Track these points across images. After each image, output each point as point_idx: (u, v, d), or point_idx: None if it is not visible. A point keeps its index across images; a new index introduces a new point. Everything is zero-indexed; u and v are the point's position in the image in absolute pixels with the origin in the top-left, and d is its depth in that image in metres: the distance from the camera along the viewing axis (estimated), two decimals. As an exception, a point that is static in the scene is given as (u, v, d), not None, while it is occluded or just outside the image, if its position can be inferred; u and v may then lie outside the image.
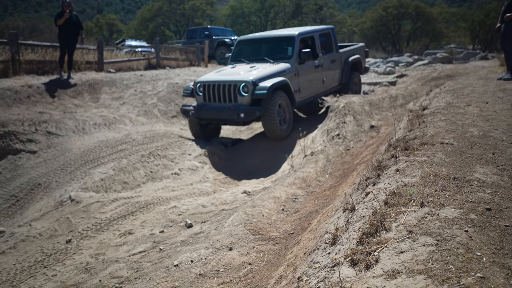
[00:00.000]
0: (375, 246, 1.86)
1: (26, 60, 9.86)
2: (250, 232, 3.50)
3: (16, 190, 5.41)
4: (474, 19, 35.87)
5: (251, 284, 2.70)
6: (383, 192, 2.48)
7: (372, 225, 2.05)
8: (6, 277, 3.29)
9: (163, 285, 2.73)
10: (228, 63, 8.68)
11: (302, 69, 7.93)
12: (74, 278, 3.13)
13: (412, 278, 1.53)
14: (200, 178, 6.04)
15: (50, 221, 4.45)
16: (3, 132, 6.29)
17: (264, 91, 6.78)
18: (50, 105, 8.29)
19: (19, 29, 13.94)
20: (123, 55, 15.31)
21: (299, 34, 8.05)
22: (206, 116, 7.31)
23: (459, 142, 3.18)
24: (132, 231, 4.09)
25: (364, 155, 5.12)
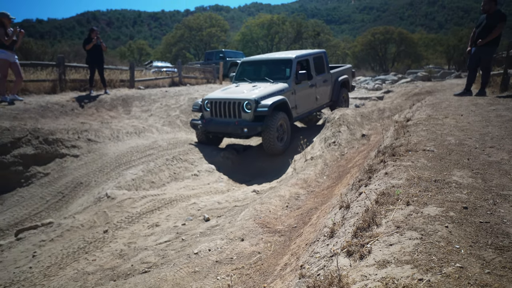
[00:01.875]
0: (367, 239, 1.84)
1: (71, 79, 9.97)
2: (259, 226, 3.49)
3: (62, 187, 5.45)
4: (449, 44, 35.70)
5: (260, 270, 2.68)
6: (374, 192, 2.46)
7: (365, 221, 2.04)
8: (55, 260, 3.30)
9: (185, 270, 2.72)
10: (232, 82, 8.55)
11: (298, 88, 7.79)
12: (110, 263, 3.13)
13: (400, 267, 1.51)
14: (215, 179, 6.03)
15: (90, 214, 4.47)
16: (52, 139, 6.35)
17: (265, 108, 6.67)
18: (90, 116, 8.36)
19: (65, 53, 14.13)
20: (151, 74, 15.43)
21: (296, 57, 7.91)
22: (213, 129, 7.19)
23: (438, 149, 3.15)
24: (159, 224, 4.09)
25: (356, 159, 5.09)
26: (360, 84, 20.33)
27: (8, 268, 3.29)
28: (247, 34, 45.47)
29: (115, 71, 12.23)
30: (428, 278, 1.38)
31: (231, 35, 52.24)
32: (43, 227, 4.30)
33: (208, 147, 7.43)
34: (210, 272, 2.70)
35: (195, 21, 47.79)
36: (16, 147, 5.84)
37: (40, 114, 7.41)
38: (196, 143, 7.56)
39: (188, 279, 2.60)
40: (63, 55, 10.24)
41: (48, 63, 10.73)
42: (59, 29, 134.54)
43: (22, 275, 3.06)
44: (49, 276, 3.02)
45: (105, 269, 3.02)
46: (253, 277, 2.59)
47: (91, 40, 9.22)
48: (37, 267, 3.18)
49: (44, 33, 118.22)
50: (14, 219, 4.72)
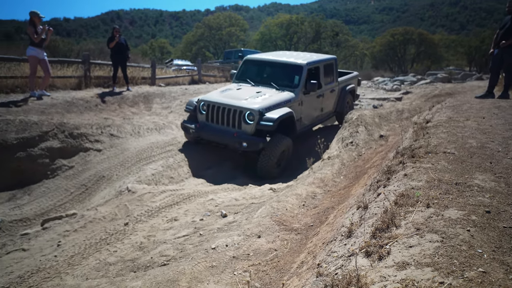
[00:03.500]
0: (386, 240, 1.81)
1: (95, 76, 10.18)
2: (276, 223, 3.48)
3: (86, 180, 5.58)
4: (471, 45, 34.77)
5: (277, 267, 2.68)
6: (393, 194, 2.42)
7: (384, 221, 2.00)
8: (78, 250, 3.39)
9: (203, 264, 2.74)
10: (232, 81, 7.59)
11: (305, 99, 6.94)
12: (131, 254, 3.19)
13: (420, 269, 1.48)
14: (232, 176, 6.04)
15: (111, 207, 4.56)
16: (77, 134, 6.50)
17: (270, 123, 5.80)
18: (113, 112, 8.51)
19: (90, 51, 14.44)
20: (171, 72, 15.62)
21: (307, 63, 7.00)
22: (206, 137, 6.28)
23: (459, 152, 3.07)
24: (177, 218, 4.13)
25: (374, 160, 5.01)
26: (379, 85, 20.02)
27: (34, 255, 3.39)
28: (266, 34, 45.41)
29: (137, 69, 12.42)
30: (450, 281, 1.35)
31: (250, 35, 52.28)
32: (67, 217, 4.41)
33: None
34: (227, 267, 2.71)
35: (215, 20, 48.05)
36: (43, 141, 6.00)
37: (66, 109, 7.60)
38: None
39: (205, 273, 2.62)
40: (88, 53, 10.48)
41: (74, 60, 10.99)
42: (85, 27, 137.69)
43: (48, 263, 3.15)
44: (73, 265, 3.09)
45: (125, 261, 3.07)
46: (269, 274, 2.59)
47: (114, 39, 9.39)
48: (62, 256, 3.27)
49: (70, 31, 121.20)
50: (40, 209, 4.86)
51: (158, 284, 2.47)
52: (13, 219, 4.54)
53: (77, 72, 10.01)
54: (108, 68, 10.85)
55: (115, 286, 2.52)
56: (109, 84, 10.10)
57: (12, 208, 4.84)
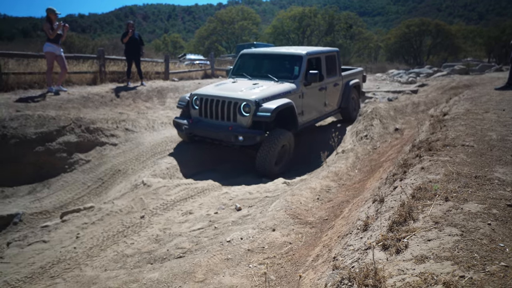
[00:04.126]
0: (404, 233, 1.79)
1: (110, 71, 10.31)
2: (290, 217, 3.48)
3: (102, 174, 5.68)
4: (490, 36, 33.79)
5: (292, 260, 2.68)
6: (410, 187, 2.39)
7: (401, 215, 1.98)
8: (96, 242, 3.46)
9: (219, 257, 2.77)
10: (228, 77, 7.22)
11: (307, 91, 6.52)
12: (147, 247, 3.24)
13: (440, 263, 1.46)
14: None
15: (127, 200, 4.63)
16: (93, 128, 6.61)
17: (267, 113, 5.40)
18: (127, 107, 8.62)
19: (104, 46, 14.61)
20: (184, 67, 15.69)
21: (307, 53, 6.64)
22: (200, 133, 5.90)
23: (479, 145, 3.00)
24: (192, 211, 4.17)
25: (389, 154, 4.95)
26: (393, 78, 19.70)
27: (55, 247, 3.48)
28: (279, 27, 45.10)
29: (150, 64, 12.52)
30: (470, 275, 1.33)
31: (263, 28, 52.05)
32: (85, 210, 4.51)
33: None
34: (242, 260, 2.73)
35: (228, 14, 47.95)
36: (60, 135, 6.12)
37: (82, 104, 7.73)
38: None
39: (221, 266, 2.65)
40: (103, 48, 10.59)
41: (89, 55, 11.14)
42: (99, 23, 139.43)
43: (68, 255, 3.23)
44: (92, 257, 3.16)
45: (142, 253, 3.13)
46: (284, 267, 2.60)
47: (128, 34, 9.46)
48: (81, 248, 3.34)
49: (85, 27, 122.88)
50: (59, 202, 4.98)
51: (174, 276, 2.51)
52: (33, 212, 4.67)
53: (92, 67, 10.15)
54: (123, 63, 10.97)
55: (133, 278, 2.57)
56: (123, 79, 10.21)
57: (32, 201, 4.97)
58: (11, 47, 13.11)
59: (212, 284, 2.41)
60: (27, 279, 2.86)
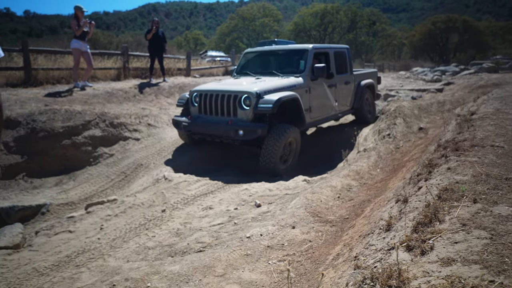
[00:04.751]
0: (429, 235, 1.75)
1: (133, 67, 10.51)
2: (310, 214, 3.45)
3: (125, 168, 5.80)
4: (522, 32, 32.39)
5: (312, 258, 2.67)
6: (435, 188, 2.32)
7: (426, 216, 1.93)
8: (119, 234, 3.54)
9: (238, 252, 2.78)
10: (232, 76, 7.07)
11: (314, 86, 6.22)
12: (168, 240, 3.29)
13: (468, 266, 1.41)
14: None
15: (149, 194, 4.72)
16: (117, 123, 6.76)
17: (269, 105, 5.11)
18: (150, 102, 8.76)
19: (128, 43, 14.88)
20: (206, 63, 15.81)
21: (314, 47, 6.44)
22: (199, 130, 5.66)
23: (509, 146, 2.89)
24: (212, 207, 4.20)
25: (413, 153, 4.84)
26: (418, 76, 19.23)
27: (80, 237, 3.59)
28: (300, 24, 44.77)
29: (172, 60, 12.68)
30: (501, 280, 1.28)
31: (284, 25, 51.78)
32: (108, 203, 4.62)
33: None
34: (261, 256, 2.74)
35: (249, 11, 47.95)
36: (86, 129, 6.29)
37: (106, 99, 7.91)
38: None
39: (240, 261, 2.66)
40: (126, 45, 10.80)
41: (113, 52, 11.38)
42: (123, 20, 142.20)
43: (92, 245, 3.32)
44: (115, 248, 3.24)
45: (163, 246, 3.18)
46: (304, 264, 2.58)
47: (152, 31, 9.60)
48: (105, 239, 3.43)
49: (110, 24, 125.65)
50: (84, 194, 5.12)
51: (195, 269, 2.53)
52: (60, 203, 4.82)
53: (117, 63, 10.37)
54: (145, 59, 11.15)
55: (154, 269, 2.61)
56: (146, 75, 10.39)
57: (59, 193, 5.14)
58: (40, 44, 13.55)
59: (231, 279, 2.42)
60: (54, 267, 2.96)
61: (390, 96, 11.70)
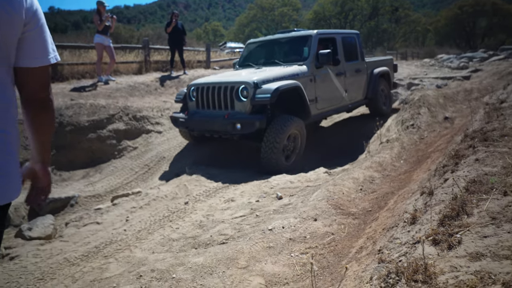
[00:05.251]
0: (457, 229, 1.71)
1: (154, 60, 10.64)
2: (332, 207, 3.43)
3: (148, 161, 5.92)
4: (556, 14, 30.70)
5: (334, 251, 2.66)
6: (463, 179, 2.26)
7: (453, 209, 1.88)
8: (144, 225, 3.63)
9: (261, 245, 2.80)
10: (234, 69, 6.85)
11: (320, 75, 5.85)
12: (191, 232, 3.35)
13: (498, 262, 1.38)
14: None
15: (172, 186, 4.81)
16: (140, 116, 6.89)
17: (267, 95, 4.81)
18: (171, 95, 8.86)
19: (149, 36, 15.05)
20: (225, 55, 15.82)
21: (318, 33, 6.10)
22: (196, 126, 5.39)
23: (542, 136, 2.77)
24: (234, 199, 4.24)
25: (438, 144, 4.71)
26: (443, 63, 18.60)
27: (107, 229, 3.71)
28: (320, 12, 43.99)
29: (192, 53, 12.75)
30: (534, 277, 1.24)
31: (303, 14, 51.00)
32: (133, 195, 4.74)
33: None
34: (284, 248, 2.75)
35: (268, 1, 47.44)
36: (110, 123, 6.45)
37: (129, 93, 8.06)
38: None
39: (263, 253, 2.68)
40: (147, 38, 10.93)
41: (134, 46, 11.55)
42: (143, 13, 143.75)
43: (119, 236, 3.42)
44: (140, 239, 3.33)
45: (187, 237, 3.24)
46: (327, 257, 2.58)
47: (171, 23, 9.66)
48: (130, 230, 3.53)
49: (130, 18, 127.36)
50: (109, 186, 5.27)
51: (218, 261, 2.58)
52: (87, 195, 4.99)
53: (138, 57, 10.53)
54: (166, 52, 11.26)
55: (179, 261, 2.67)
56: (167, 68, 10.51)
57: (86, 185, 5.31)
58: (65, 39, 13.90)
59: (254, 271, 2.45)
60: (83, 257, 3.08)
61: (414, 85, 11.38)
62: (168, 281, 2.39)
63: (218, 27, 56.37)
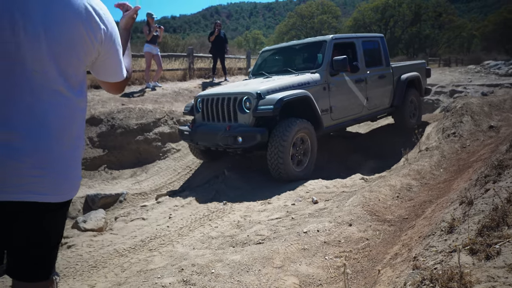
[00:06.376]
0: (496, 239, 1.65)
1: (197, 67, 11.01)
2: (367, 213, 3.39)
3: (190, 162, 6.14)
4: None
5: (369, 256, 2.63)
6: (505, 190, 2.16)
7: (493, 220, 1.82)
8: (186, 223, 3.79)
9: (295, 246, 2.83)
10: (248, 77, 6.48)
11: (335, 82, 5.38)
12: (229, 231, 3.45)
13: (538, 274, 1.33)
14: (323, 164, 6.00)
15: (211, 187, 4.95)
16: (183, 121, 7.15)
17: (269, 106, 4.38)
18: (212, 101, 9.12)
19: (193, 45, 15.57)
20: (265, 62, 15.97)
21: (334, 38, 5.63)
22: (200, 139, 5.01)
23: None
24: (270, 202, 4.29)
25: (481, 153, 4.49)
26: (489, 69, 17.56)
27: (152, 225, 3.91)
28: (359, 19, 43.14)
29: (233, 60, 13.03)
30: None
31: (343, 21, 50.24)
32: (174, 196, 4.94)
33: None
34: (318, 251, 2.76)
35: (307, 9, 47.34)
36: (156, 126, 6.77)
37: (174, 98, 8.40)
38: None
39: (298, 255, 2.71)
40: (192, 47, 11.34)
41: (180, 54, 12.01)
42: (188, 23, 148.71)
43: (162, 232, 3.60)
44: (182, 236, 3.48)
45: (225, 236, 3.34)
46: (361, 262, 2.57)
47: (214, 33, 9.98)
48: (173, 227, 3.70)
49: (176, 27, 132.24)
50: (154, 185, 5.53)
51: (254, 260, 2.64)
52: (134, 193, 5.27)
53: (183, 64, 10.95)
54: (208, 60, 11.61)
55: (217, 258, 2.77)
56: (209, 75, 10.82)
57: (133, 183, 5.61)
58: (117, 48, 14.72)
59: (289, 271, 2.49)
60: (131, 249, 3.27)
61: (457, 92, 10.87)
62: (208, 276, 2.49)
63: (258, 35, 57.06)
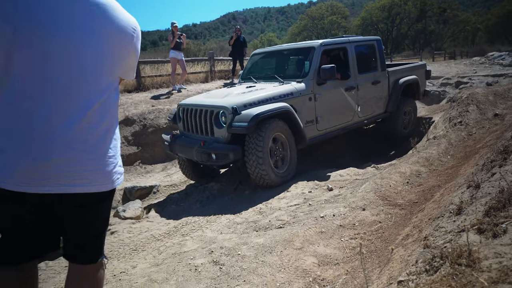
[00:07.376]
0: (502, 219, 1.62)
1: (218, 70, 11.07)
2: (379, 198, 3.37)
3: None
4: None
5: (382, 237, 2.63)
6: (511, 174, 2.11)
7: (499, 201, 1.78)
8: (213, 211, 3.86)
9: (313, 230, 2.85)
10: (238, 82, 5.84)
11: (322, 92, 4.80)
12: (252, 217, 3.50)
13: (544, 251, 1.30)
14: (337, 154, 5.96)
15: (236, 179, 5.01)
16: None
17: (243, 123, 3.84)
18: (232, 100, 9.17)
19: (213, 49, 15.64)
20: (279, 63, 15.89)
21: (322, 44, 4.97)
22: (178, 151, 4.53)
23: None
24: (289, 190, 4.30)
25: (487, 140, 4.36)
26: (494, 60, 16.85)
27: (184, 213, 4.00)
28: (367, 18, 42.15)
29: (250, 62, 13.03)
30: None
31: (351, 21, 49.24)
32: (201, 187, 5.03)
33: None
34: (334, 234, 2.77)
35: (317, 11, 46.69)
36: (183, 125, 6.87)
37: (198, 99, 8.50)
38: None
39: (316, 237, 2.73)
40: (212, 51, 11.41)
41: (201, 58, 12.11)
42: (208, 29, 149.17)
43: (193, 219, 3.69)
44: (210, 222, 3.56)
45: (249, 222, 3.39)
46: (374, 243, 2.56)
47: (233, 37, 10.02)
48: (202, 215, 3.78)
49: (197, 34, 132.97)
50: (183, 177, 5.61)
51: (276, 242, 2.68)
52: (166, 184, 5.39)
53: (204, 68, 11.03)
54: (228, 62, 11.65)
55: (242, 241, 2.82)
56: (229, 76, 10.87)
57: (165, 176, 5.74)
58: (145, 56, 15.00)
59: (308, 252, 2.52)
60: (166, 234, 3.37)
61: (463, 83, 10.51)
62: (235, 257, 2.55)
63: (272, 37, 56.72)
